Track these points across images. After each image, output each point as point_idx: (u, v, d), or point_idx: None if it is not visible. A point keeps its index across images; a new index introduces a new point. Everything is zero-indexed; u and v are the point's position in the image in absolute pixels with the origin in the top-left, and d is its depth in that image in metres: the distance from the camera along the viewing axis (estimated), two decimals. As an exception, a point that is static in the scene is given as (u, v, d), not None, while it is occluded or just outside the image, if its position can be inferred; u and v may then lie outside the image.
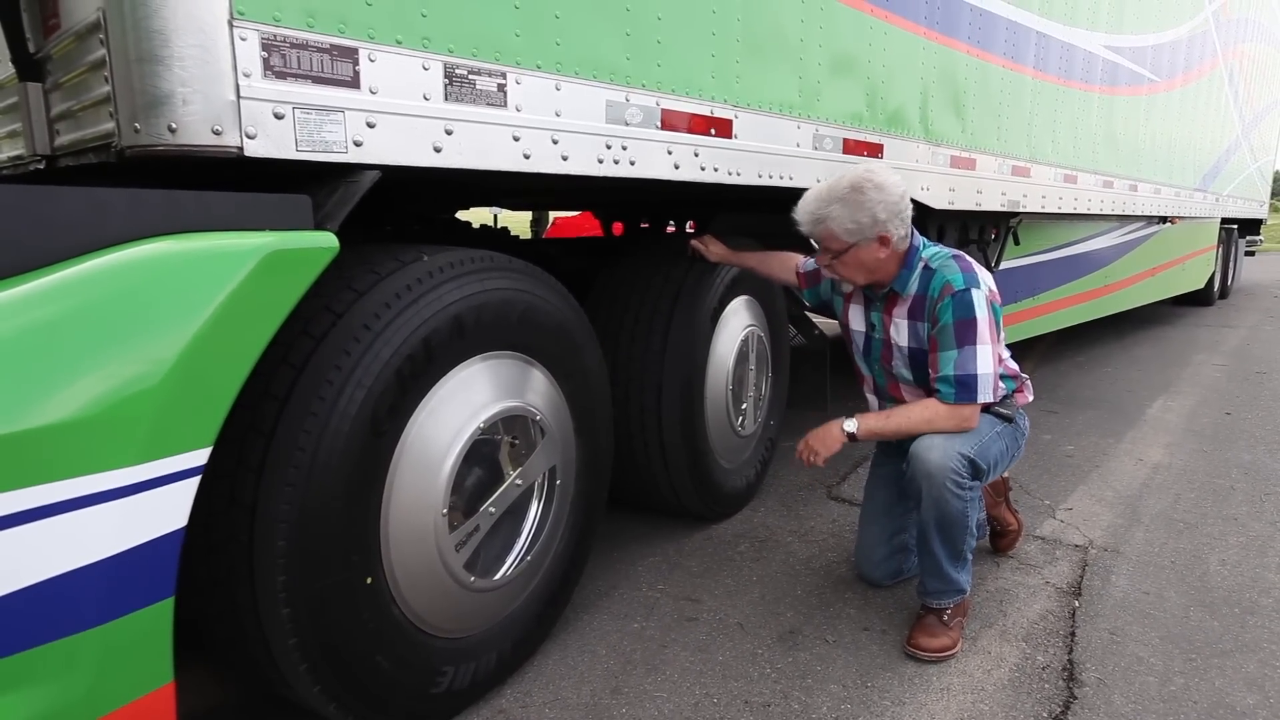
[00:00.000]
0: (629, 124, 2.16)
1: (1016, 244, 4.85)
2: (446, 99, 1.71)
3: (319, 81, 1.49)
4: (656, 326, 2.72)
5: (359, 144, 1.56)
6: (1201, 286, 9.37)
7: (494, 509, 1.94)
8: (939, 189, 3.63)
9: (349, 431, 1.55)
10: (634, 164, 2.19)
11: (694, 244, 2.78)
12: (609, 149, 2.11)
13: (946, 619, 2.22)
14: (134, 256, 1.25)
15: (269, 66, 1.42)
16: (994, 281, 2.23)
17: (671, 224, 5.15)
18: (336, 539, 1.56)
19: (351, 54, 1.54)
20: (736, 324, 3.01)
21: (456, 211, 3.86)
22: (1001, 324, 2.23)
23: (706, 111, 2.40)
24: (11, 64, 1.71)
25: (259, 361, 1.37)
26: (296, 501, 1.49)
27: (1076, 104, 4.92)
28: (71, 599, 1.18)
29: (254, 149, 1.41)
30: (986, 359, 2.12)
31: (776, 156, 2.69)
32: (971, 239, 4.46)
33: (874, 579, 2.54)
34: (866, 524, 2.54)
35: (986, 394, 2.14)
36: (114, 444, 1.20)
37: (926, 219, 3.79)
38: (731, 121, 2.49)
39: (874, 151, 3.20)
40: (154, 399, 1.23)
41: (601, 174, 2.10)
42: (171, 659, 1.33)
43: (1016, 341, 5.16)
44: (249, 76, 1.39)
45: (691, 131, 2.35)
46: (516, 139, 1.87)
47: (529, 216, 8.83)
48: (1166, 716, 1.93)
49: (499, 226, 4.34)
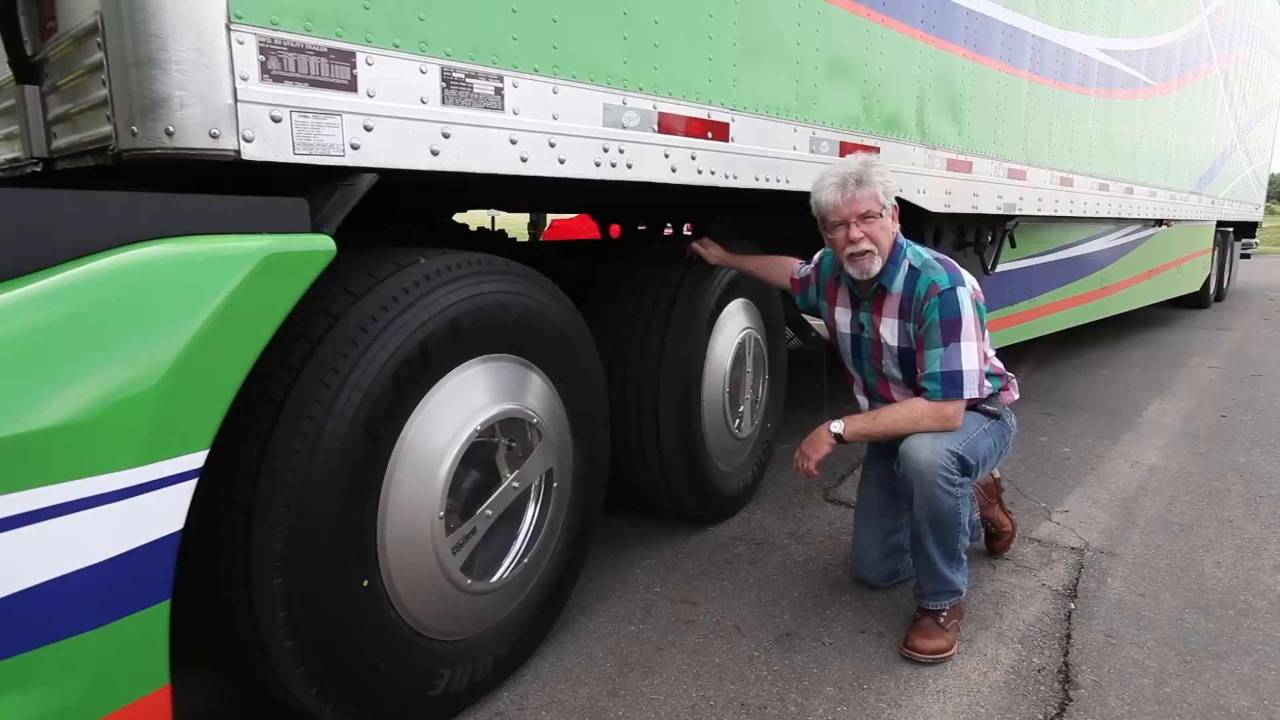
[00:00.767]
0: (626, 127, 2.16)
1: (1013, 247, 4.86)
2: (444, 102, 1.71)
3: (316, 85, 1.49)
4: (654, 329, 2.72)
5: (356, 147, 1.57)
6: (1197, 289, 9.41)
7: (491, 511, 1.94)
8: (935, 192, 3.64)
9: (346, 434, 1.55)
10: (631, 167, 2.20)
11: (693, 247, 2.79)
12: (606, 152, 2.11)
13: (943, 621, 2.23)
14: (131, 259, 1.25)
15: (266, 70, 1.42)
16: (977, 282, 2.28)
17: (669, 227, 5.16)
18: (333, 542, 1.56)
19: (349, 57, 1.54)
20: (733, 327, 3.01)
21: (454, 214, 3.87)
22: (985, 323, 2.26)
23: (703, 115, 2.40)
24: (9, 66, 1.71)
25: (256, 364, 1.37)
26: (293, 504, 1.49)
27: (1072, 107, 4.94)
28: (68, 602, 1.18)
29: (251, 152, 1.41)
30: (972, 355, 2.15)
31: (773, 159, 2.70)
32: (968, 242, 4.46)
33: (870, 581, 2.55)
34: (861, 526, 2.55)
35: (972, 390, 2.16)
36: (111, 447, 1.20)
37: (923, 222, 3.79)
38: (728, 125, 2.50)
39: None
40: (151, 402, 1.23)
41: (599, 177, 2.10)
42: (168, 662, 1.33)
43: (1013, 344, 5.18)
44: (246, 80, 1.39)
45: (689, 135, 2.36)
46: (514, 142, 1.88)
47: (526, 219, 8.82)
48: (1161, 718, 1.94)
49: (496, 229, 4.33)
